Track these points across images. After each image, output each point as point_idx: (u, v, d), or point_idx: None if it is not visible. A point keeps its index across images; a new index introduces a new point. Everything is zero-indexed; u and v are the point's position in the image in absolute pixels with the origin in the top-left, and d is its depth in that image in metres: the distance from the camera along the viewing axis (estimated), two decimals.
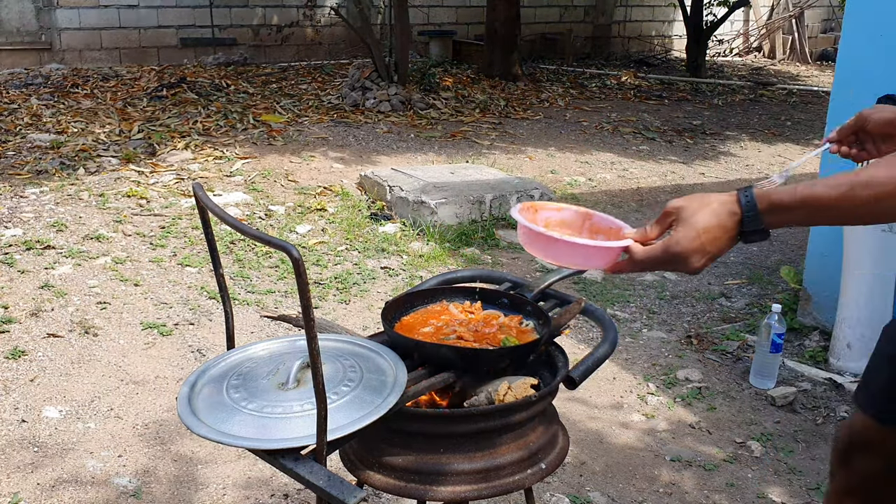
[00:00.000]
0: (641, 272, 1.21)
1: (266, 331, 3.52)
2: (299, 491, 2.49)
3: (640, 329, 3.72)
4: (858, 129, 1.55)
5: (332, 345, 1.51)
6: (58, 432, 2.75)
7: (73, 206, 4.71)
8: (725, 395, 3.18)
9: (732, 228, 1.11)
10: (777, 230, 5.15)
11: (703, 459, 2.76)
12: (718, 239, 1.11)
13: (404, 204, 4.92)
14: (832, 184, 1.06)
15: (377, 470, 1.46)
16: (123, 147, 5.92)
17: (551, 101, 8.86)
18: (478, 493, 1.43)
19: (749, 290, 4.18)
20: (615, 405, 3.10)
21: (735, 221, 1.10)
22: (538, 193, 5.13)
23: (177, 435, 2.77)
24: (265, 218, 4.82)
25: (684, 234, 1.11)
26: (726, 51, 13.89)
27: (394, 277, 4.15)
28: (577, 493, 2.55)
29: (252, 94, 7.97)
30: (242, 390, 1.34)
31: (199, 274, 4.04)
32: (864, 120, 1.53)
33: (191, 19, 9.59)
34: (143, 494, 2.48)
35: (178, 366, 3.22)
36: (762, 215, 1.09)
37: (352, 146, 6.40)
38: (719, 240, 1.11)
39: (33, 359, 3.19)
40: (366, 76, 8.00)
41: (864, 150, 1.56)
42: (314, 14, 10.11)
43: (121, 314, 3.59)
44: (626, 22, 13.11)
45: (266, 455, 1.22)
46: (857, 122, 1.55)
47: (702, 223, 1.11)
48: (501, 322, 1.64)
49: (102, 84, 8.05)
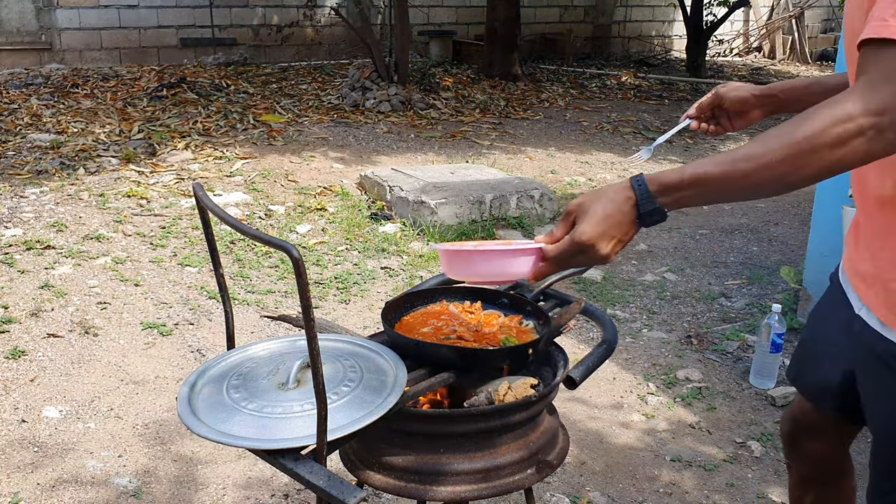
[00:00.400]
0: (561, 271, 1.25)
1: (266, 331, 3.52)
2: (299, 491, 2.49)
3: (640, 329, 3.72)
4: (715, 105, 1.69)
5: (332, 345, 1.51)
6: (58, 432, 2.75)
7: (73, 206, 4.71)
8: (725, 395, 3.18)
9: (630, 212, 1.17)
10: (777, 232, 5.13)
11: (703, 459, 2.76)
12: (620, 223, 1.17)
13: (404, 204, 4.92)
14: (717, 161, 1.12)
15: (377, 470, 1.46)
16: (123, 147, 5.92)
17: (551, 101, 8.86)
18: (478, 493, 1.43)
19: (749, 290, 4.18)
20: (615, 405, 3.10)
21: (631, 205, 1.16)
22: (538, 193, 5.13)
23: (177, 435, 2.77)
24: (265, 218, 4.82)
25: (587, 223, 1.17)
26: (726, 51, 13.90)
27: (394, 277, 4.15)
28: (577, 493, 2.55)
29: (252, 94, 7.97)
30: (242, 390, 1.34)
31: (199, 274, 4.04)
32: (721, 98, 1.67)
33: (191, 19, 9.59)
34: (143, 494, 2.48)
35: (178, 366, 3.22)
36: (655, 196, 1.15)
37: (352, 146, 6.40)
38: (621, 224, 1.17)
39: (33, 359, 3.19)
40: (366, 76, 8.00)
41: (719, 126, 1.72)
42: (314, 14, 10.11)
43: (121, 314, 3.59)
44: (626, 22, 13.11)
45: (266, 455, 1.22)
46: (713, 99, 1.68)
47: (601, 211, 1.17)
48: (501, 322, 1.64)
49: (102, 84, 8.05)
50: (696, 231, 5.12)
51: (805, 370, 1.70)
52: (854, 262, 1.45)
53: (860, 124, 1.03)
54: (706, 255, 4.69)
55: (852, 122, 1.04)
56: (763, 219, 5.40)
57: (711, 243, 4.91)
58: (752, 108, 1.66)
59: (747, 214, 5.49)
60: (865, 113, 1.03)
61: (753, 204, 5.71)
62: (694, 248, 4.82)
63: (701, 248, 4.83)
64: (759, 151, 1.09)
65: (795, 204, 5.69)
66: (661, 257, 4.63)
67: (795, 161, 1.07)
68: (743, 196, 1.16)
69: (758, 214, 5.50)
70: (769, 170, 1.09)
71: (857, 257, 1.43)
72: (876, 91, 1.04)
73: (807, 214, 4.90)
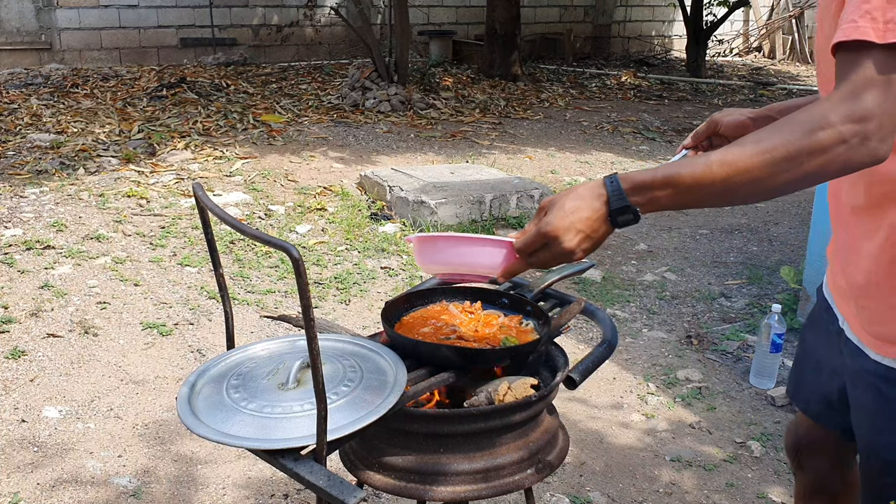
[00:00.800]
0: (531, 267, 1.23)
1: (266, 331, 3.52)
2: (299, 491, 2.49)
3: (640, 329, 3.72)
4: (711, 132, 1.63)
5: (332, 345, 1.51)
6: (58, 432, 2.75)
7: (73, 206, 4.71)
8: (725, 395, 3.18)
9: (601, 208, 1.14)
10: (777, 232, 5.13)
11: (703, 459, 2.76)
12: (589, 219, 1.14)
13: (404, 204, 4.92)
14: (692, 163, 1.10)
15: (377, 470, 1.46)
16: (123, 147, 5.92)
17: (551, 101, 8.86)
18: (478, 493, 1.43)
19: (749, 290, 4.18)
20: (615, 405, 3.10)
21: (602, 202, 1.14)
22: (538, 193, 5.13)
23: (177, 435, 2.77)
24: (265, 218, 4.82)
25: (554, 214, 1.16)
26: (726, 51, 13.90)
27: (394, 277, 4.15)
28: (577, 493, 2.55)
29: (252, 94, 7.97)
30: (242, 390, 1.34)
31: (198, 274, 4.04)
32: (716, 124, 1.61)
33: (191, 19, 9.59)
34: (143, 494, 2.48)
35: (178, 366, 3.22)
36: (627, 195, 1.13)
37: (352, 146, 6.40)
38: (590, 220, 1.15)
39: (33, 359, 3.19)
40: (366, 76, 8.01)
41: None
42: (314, 14, 10.11)
43: (121, 314, 3.59)
44: (626, 22, 13.12)
45: (266, 455, 1.22)
46: (709, 126, 1.63)
47: (569, 205, 1.15)
48: (501, 322, 1.64)
49: (102, 84, 8.05)
50: (696, 231, 5.12)
51: (802, 386, 1.68)
52: (835, 275, 1.45)
53: (841, 132, 1.01)
54: (706, 255, 4.69)
55: (832, 129, 1.01)
56: (763, 219, 5.40)
57: (711, 243, 4.91)
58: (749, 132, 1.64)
59: (747, 214, 5.49)
60: (847, 120, 1.00)
61: (753, 204, 5.71)
62: (694, 248, 4.82)
63: (701, 248, 4.83)
64: (735, 156, 1.07)
65: (795, 204, 5.69)
66: (661, 257, 4.63)
67: (772, 168, 1.04)
68: (719, 201, 1.12)
69: (758, 214, 5.50)
70: (744, 174, 1.06)
71: (837, 271, 1.43)
72: (856, 98, 1.01)
73: (807, 214, 4.90)
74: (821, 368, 1.56)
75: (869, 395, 1.33)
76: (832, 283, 1.47)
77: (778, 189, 1.08)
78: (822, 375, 1.56)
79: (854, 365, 1.35)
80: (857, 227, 1.30)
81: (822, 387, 1.56)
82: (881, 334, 1.28)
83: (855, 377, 1.37)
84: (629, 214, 1.13)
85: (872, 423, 1.35)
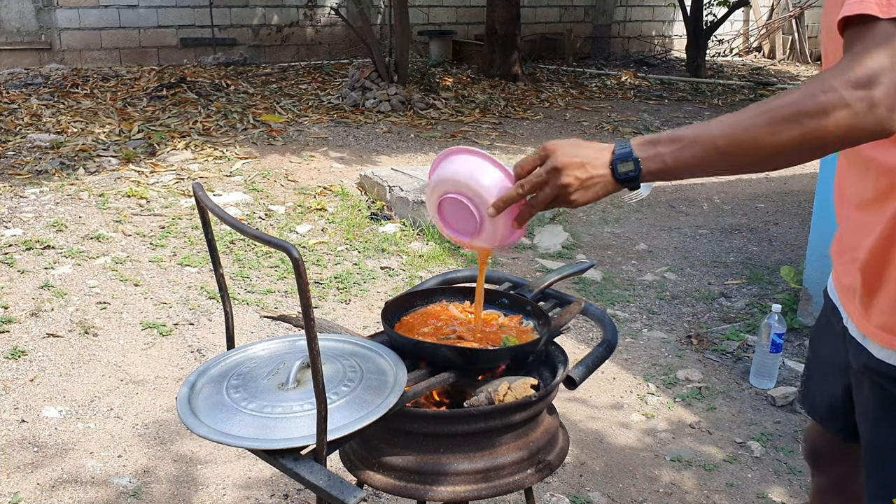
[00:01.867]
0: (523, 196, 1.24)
1: (266, 331, 3.52)
2: (299, 491, 2.49)
3: (640, 329, 3.72)
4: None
5: (332, 345, 1.51)
6: (58, 432, 2.75)
7: (73, 206, 4.71)
8: (725, 395, 3.18)
9: (606, 156, 1.17)
10: (777, 232, 5.12)
11: (703, 459, 2.76)
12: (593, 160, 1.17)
13: (404, 204, 4.92)
14: (696, 124, 1.15)
15: (377, 470, 1.46)
16: (123, 147, 5.92)
17: (551, 101, 8.86)
18: (478, 493, 1.43)
19: (749, 290, 4.17)
20: (615, 405, 3.10)
21: (609, 152, 1.18)
22: None
23: (177, 435, 2.77)
24: (265, 218, 4.82)
25: (560, 150, 1.19)
26: (726, 51, 13.89)
27: (394, 277, 4.15)
28: (577, 493, 2.55)
29: (252, 94, 7.97)
30: (242, 390, 1.34)
31: (198, 274, 4.04)
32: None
33: (191, 19, 9.58)
34: (143, 494, 2.48)
35: (177, 366, 3.22)
36: (633, 148, 1.16)
37: (352, 146, 6.40)
38: (594, 162, 1.17)
39: (33, 359, 3.19)
40: (366, 76, 8.00)
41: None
42: (314, 14, 10.11)
43: (121, 314, 3.59)
44: (626, 22, 13.11)
45: (266, 455, 1.22)
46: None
47: (575, 143, 1.20)
48: (501, 322, 1.64)
49: (102, 84, 8.05)
50: (696, 231, 5.12)
51: (813, 392, 1.67)
52: (838, 273, 1.45)
53: (843, 95, 1.01)
54: (706, 255, 4.69)
55: (834, 93, 1.02)
56: (763, 219, 5.40)
57: (711, 243, 4.91)
58: None
59: (747, 214, 5.49)
60: (848, 84, 1.01)
61: (753, 204, 5.71)
62: (694, 248, 4.82)
63: (701, 248, 4.83)
64: (737, 115, 1.11)
65: (795, 204, 5.69)
66: (661, 257, 4.63)
67: (771, 126, 1.06)
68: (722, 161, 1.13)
69: (758, 214, 5.50)
70: (744, 132, 1.08)
71: (841, 270, 1.43)
72: (859, 63, 1.01)
73: (807, 214, 4.90)
74: (827, 372, 1.56)
75: (872, 393, 1.33)
76: (836, 281, 1.47)
77: (780, 154, 1.08)
78: (829, 378, 1.55)
79: (858, 363, 1.35)
80: (861, 221, 1.30)
81: (828, 390, 1.56)
82: (886, 325, 1.28)
83: (859, 375, 1.37)
84: (630, 163, 1.15)
85: (875, 421, 1.35)
